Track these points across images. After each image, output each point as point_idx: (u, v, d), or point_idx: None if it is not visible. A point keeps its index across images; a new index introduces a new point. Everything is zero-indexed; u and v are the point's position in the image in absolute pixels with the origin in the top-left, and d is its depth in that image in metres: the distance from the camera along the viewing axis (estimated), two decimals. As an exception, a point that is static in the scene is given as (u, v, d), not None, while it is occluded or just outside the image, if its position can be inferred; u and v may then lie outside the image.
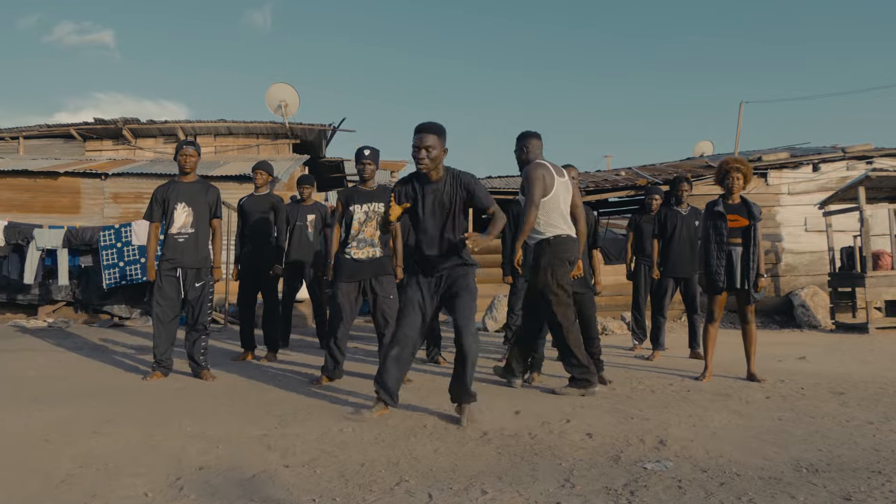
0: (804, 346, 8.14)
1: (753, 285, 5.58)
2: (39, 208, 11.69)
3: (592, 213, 5.72)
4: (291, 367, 6.25)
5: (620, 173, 14.38)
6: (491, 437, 3.66)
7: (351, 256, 5.29)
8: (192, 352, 5.52)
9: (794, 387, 5.32)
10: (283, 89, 14.32)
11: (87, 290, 10.83)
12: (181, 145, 5.55)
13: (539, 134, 5.28)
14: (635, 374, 6.01)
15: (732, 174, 5.65)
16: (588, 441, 3.62)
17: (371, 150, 5.45)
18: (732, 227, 5.63)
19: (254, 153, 14.56)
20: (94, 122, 14.06)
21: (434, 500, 2.66)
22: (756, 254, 5.60)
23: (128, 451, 3.34)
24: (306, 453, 3.32)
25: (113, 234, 10.24)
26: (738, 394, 5.02)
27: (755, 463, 3.21)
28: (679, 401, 4.76)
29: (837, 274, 10.85)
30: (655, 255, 7.17)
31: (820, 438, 3.71)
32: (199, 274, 5.51)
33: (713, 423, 4.06)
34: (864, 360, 6.93)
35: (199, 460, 3.19)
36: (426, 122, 4.13)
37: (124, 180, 11.99)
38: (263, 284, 6.79)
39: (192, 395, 4.83)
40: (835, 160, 12.46)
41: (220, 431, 3.74)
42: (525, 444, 3.53)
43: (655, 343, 7.08)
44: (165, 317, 5.45)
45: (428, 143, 4.05)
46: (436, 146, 4.08)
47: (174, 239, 5.47)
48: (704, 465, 3.18)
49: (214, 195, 5.66)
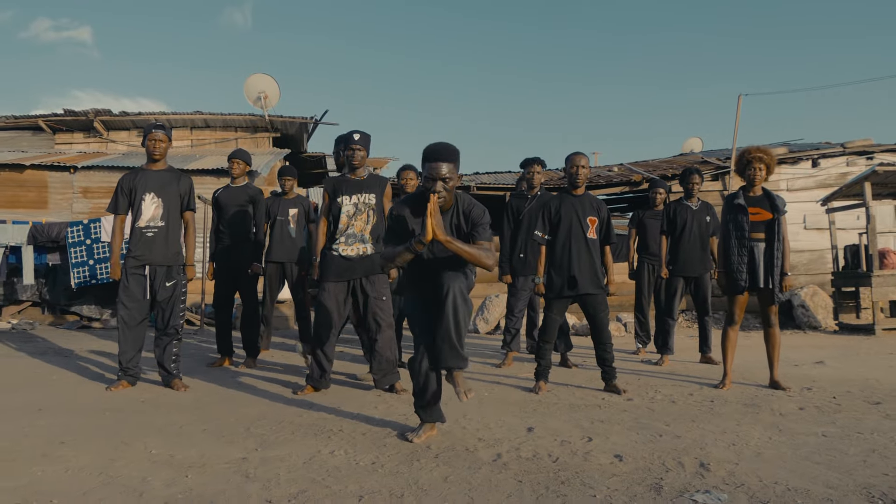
0: (815, 350, 7.74)
1: (778, 284, 5.12)
2: (3, 203, 11.01)
3: (604, 204, 5.23)
4: (273, 375, 5.71)
5: (613, 169, 13.94)
6: (507, 461, 3.16)
7: (339, 253, 4.76)
8: (162, 359, 4.96)
9: (825, 396, 4.87)
10: (262, 80, 13.72)
11: (54, 289, 10.21)
12: (149, 128, 4.97)
13: None
14: (648, 381, 5.54)
15: (755, 164, 5.20)
16: (619, 465, 3.12)
17: (361, 135, 4.91)
18: (754, 220, 5.18)
19: (232, 146, 13.93)
20: (63, 113, 13.36)
21: (453, 549, 2.15)
22: (781, 250, 5.15)
23: (79, 483, 2.79)
24: (292, 483, 2.80)
25: (81, 231, 9.61)
26: (769, 405, 4.55)
27: (819, 492, 2.74)
28: (706, 413, 4.29)
29: (841, 273, 10.47)
30: (664, 252, 6.70)
31: (879, 459, 3.24)
32: (169, 272, 4.95)
33: (753, 441, 3.58)
34: (886, 364, 6.51)
35: (164, 493, 2.65)
36: (438, 146, 3.43)
37: (95, 174, 11.35)
38: (241, 284, 6.23)
39: (161, 410, 4.28)
40: (834, 156, 12.11)
41: (190, 455, 3.20)
42: (547, 470, 3.03)
43: (664, 348, 6.60)
44: (132, 320, 4.89)
45: (444, 173, 3.38)
46: (453, 175, 3.42)
47: (142, 233, 4.90)
48: (762, 495, 2.70)
49: (187, 185, 5.09)
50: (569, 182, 5.13)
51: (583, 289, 4.93)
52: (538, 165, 6.34)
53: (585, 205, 5.06)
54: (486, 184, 12.41)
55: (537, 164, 6.34)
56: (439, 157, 3.38)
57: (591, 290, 4.95)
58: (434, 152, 3.40)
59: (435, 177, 3.36)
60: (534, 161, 6.36)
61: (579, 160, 5.05)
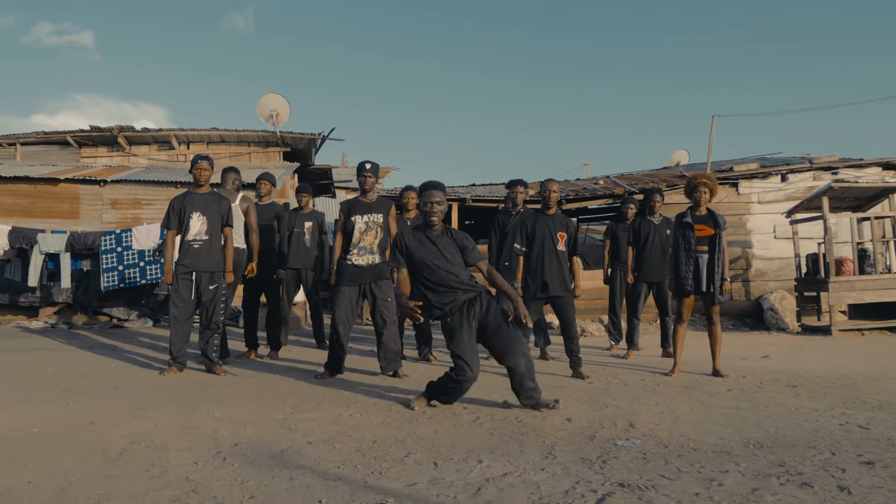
0: (770, 347, 8.74)
1: (718, 289, 6.14)
2: (40, 213, 12.06)
3: (572, 222, 6.27)
4: (294, 364, 6.73)
5: (599, 182, 14.98)
6: (483, 421, 4.19)
7: (352, 262, 5.80)
8: (206, 349, 5.99)
9: (754, 381, 5.88)
10: (274, 99, 14.76)
11: (87, 292, 11.21)
12: (196, 159, 6.02)
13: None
14: (611, 370, 6.55)
15: (700, 188, 6.21)
16: (568, 424, 4.15)
17: (372, 165, 5.97)
18: (700, 235, 6.19)
19: (245, 160, 14.98)
20: (90, 129, 14.42)
21: (439, 468, 3.17)
22: (721, 260, 6.16)
23: (169, 432, 3.82)
24: (324, 433, 3.83)
25: (114, 239, 10.65)
26: (703, 387, 5.58)
27: (710, 441, 3.76)
28: (649, 393, 5.31)
29: (803, 279, 11.49)
30: (630, 261, 7.74)
31: (769, 422, 4.26)
32: (212, 277, 5.99)
33: (678, 411, 4.61)
34: (822, 358, 7.51)
35: (232, 438, 3.69)
36: (430, 182, 4.75)
37: (122, 187, 12.40)
38: (267, 288, 7.28)
39: (211, 387, 5.32)
40: (802, 171, 13.12)
41: (244, 416, 4.24)
42: (513, 427, 4.06)
43: (630, 343, 7.65)
44: (181, 316, 5.93)
45: (436, 200, 4.67)
46: (442, 201, 4.72)
47: (190, 245, 5.95)
48: (667, 442, 3.73)
49: (226, 205, 6.14)
50: (542, 204, 6.18)
51: (553, 292, 5.98)
52: (521, 186, 7.37)
53: (556, 223, 6.11)
54: (480, 196, 13.45)
55: (520, 185, 7.37)
56: (432, 187, 4.69)
57: (559, 292, 5.99)
58: (429, 186, 4.70)
59: (431, 201, 4.63)
60: (517, 182, 7.40)
61: (551, 186, 6.10)
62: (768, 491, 2.81)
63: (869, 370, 6.56)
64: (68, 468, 3.09)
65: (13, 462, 3.19)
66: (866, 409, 4.67)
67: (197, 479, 2.94)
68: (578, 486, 2.89)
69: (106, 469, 3.11)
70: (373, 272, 5.81)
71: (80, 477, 2.96)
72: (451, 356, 4.51)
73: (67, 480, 2.91)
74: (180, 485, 2.86)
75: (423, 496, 2.74)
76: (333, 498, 2.70)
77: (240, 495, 2.73)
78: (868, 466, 3.20)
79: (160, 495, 2.72)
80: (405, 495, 2.74)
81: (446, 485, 2.89)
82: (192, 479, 2.94)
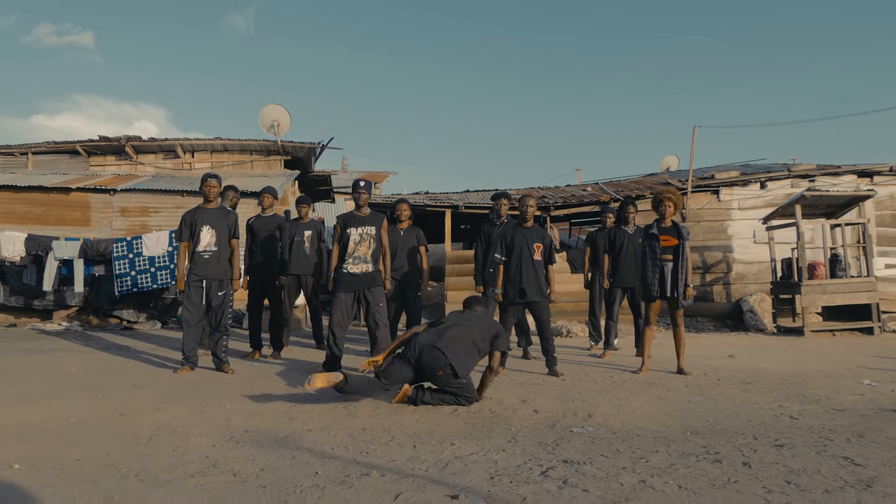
0: (740, 347, 9.33)
1: (682, 294, 6.74)
2: (53, 221, 12.70)
3: (548, 233, 6.89)
4: (295, 364, 7.35)
5: (587, 189, 15.60)
6: (460, 413, 4.80)
7: (348, 271, 6.41)
8: (216, 349, 6.60)
9: (713, 378, 6.49)
10: (275, 110, 15.41)
11: (98, 296, 11.84)
12: (205, 177, 6.63)
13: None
14: (585, 368, 7.16)
15: (665, 202, 6.82)
16: (535, 415, 4.76)
17: (365, 182, 6.59)
18: (665, 245, 6.80)
19: (247, 168, 15.62)
20: (98, 139, 15.06)
21: (417, 449, 3.79)
22: (684, 268, 6.76)
23: (188, 421, 4.44)
24: (321, 422, 4.44)
25: (125, 246, 11.28)
26: (664, 383, 6.19)
27: (654, 429, 4.37)
28: (613, 388, 5.92)
29: (778, 283, 12.10)
30: (606, 267, 8.35)
31: (713, 414, 4.87)
32: (220, 284, 6.60)
33: (635, 404, 5.22)
34: (784, 358, 8.11)
35: (243, 426, 4.31)
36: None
37: (131, 195, 13.04)
38: (270, 293, 7.90)
39: (221, 383, 5.93)
40: (780, 178, 13.72)
41: (252, 408, 4.86)
42: (486, 417, 4.67)
43: (606, 343, 8.26)
44: (193, 320, 6.54)
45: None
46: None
47: (200, 255, 6.55)
48: (616, 429, 4.34)
49: (233, 219, 6.75)
50: (520, 217, 6.80)
51: (530, 297, 6.59)
52: (504, 199, 7.99)
53: (533, 234, 6.72)
54: (473, 203, 14.06)
55: (504, 198, 7.99)
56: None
57: (536, 298, 6.61)
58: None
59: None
60: (501, 195, 8.02)
61: (528, 201, 6.73)
62: (684, 466, 3.42)
63: (824, 368, 7.15)
64: (107, 449, 3.71)
65: (60, 445, 3.81)
66: (804, 403, 5.27)
67: (215, 457, 3.56)
68: (530, 462, 3.50)
69: (138, 450, 3.72)
70: (366, 279, 6.42)
71: (119, 456, 3.58)
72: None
73: (109, 458, 3.52)
74: (202, 461, 3.48)
75: (400, 469, 3.36)
76: (328, 470, 3.31)
77: (252, 469, 3.34)
78: (777, 448, 3.81)
79: (186, 469, 3.33)
80: (386, 468, 3.36)
81: (421, 461, 3.51)
82: (212, 458, 3.56)
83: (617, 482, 3.14)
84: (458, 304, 12.46)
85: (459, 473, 3.29)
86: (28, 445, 3.79)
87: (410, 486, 3.07)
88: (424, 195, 15.46)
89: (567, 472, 3.31)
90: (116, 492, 2.97)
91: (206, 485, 3.08)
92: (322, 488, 3.02)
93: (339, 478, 3.19)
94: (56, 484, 3.08)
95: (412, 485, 3.08)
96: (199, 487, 3.04)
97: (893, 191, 13.54)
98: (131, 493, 2.98)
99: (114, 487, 3.03)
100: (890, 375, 6.61)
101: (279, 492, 2.98)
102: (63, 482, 3.11)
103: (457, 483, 3.11)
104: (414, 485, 3.08)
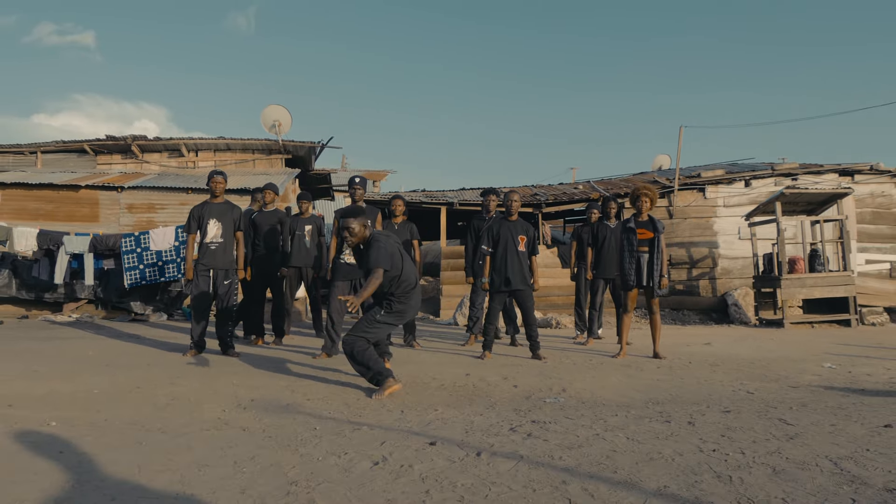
0: (720, 337, 9.80)
1: (657, 283, 7.23)
2: (63, 217, 13.19)
3: (531, 227, 7.38)
4: (295, 349, 7.84)
5: (578, 187, 16.10)
6: (446, 388, 5.30)
7: (345, 261, 6.90)
8: (222, 334, 7.09)
9: (685, 361, 6.97)
10: (276, 110, 15.89)
11: (107, 289, 12.33)
12: (212, 174, 7.11)
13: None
14: (568, 353, 7.65)
15: (642, 198, 7.31)
16: (513, 390, 5.26)
17: (361, 179, 7.08)
18: (641, 238, 7.28)
19: (250, 167, 16.11)
20: (105, 138, 15.54)
21: (404, 413, 4.28)
22: (660, 259, 7.24)
23: (200, 393, 4.93)
24: (319, 394, 4.94)
25: (133, 241, 11.77)
26: (638, 365, 6.68)
27: (619, 399, 4.87)
28: (591, 369, 6.41)
29: (760, 277, 12.59)
30: (589, 260, 8.84)
31: (676, 389, 5.36)
32: (226, 274, 7.09)
33: (606, 382, 5.71)
34: (759, 346, 8.59)
35: (249, 396, 4.80)
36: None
37: (137, 192, 13.53)
38: (272, 284, 8.39)
39: (228, 364, 6.43)
40: (764, 177, 14.21)
41: (257, 383, 5.36)
42: (469, 391, 5.17)
43: (590, 332, 8.76)
44: (200, 307, 7.02)
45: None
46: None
47: (207, 247, 7.04)
48: (585, 399, 4.84)
49: (238, 213, 7.24)
50: (506, 211, 7.29)
51: (514, 286, 7.08)
52: (493, 195, 8.48)
53: (518, 227, 7.21)
54: (467, 200, 14.56)
55: (493, 194, 8.48)
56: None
57: (520, 286, 7.10)
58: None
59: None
60: (490, 192, 8.51)
61: (513, 196, 7.22)
62: (636, 424, 3.92)
63: (791, 354, 7.63)
64: (130, 413, 4.20)
65: (88, 410, 4.30)
66: (763, 381, 5.76)
67: (226, 418, 4.06)
68: (503, 422, 4.00)
69: (158, 413, 4.22)
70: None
71: (142, 417, 4.08)
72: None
73: (133, 419, 4.02)
74: (215, 421, 3.98)
75: (387, 426, 3.86)
76: (325, 427, 3.81)
77: (259, 426, 3.84)
78: (724, 413, 4.31)
79: (202, 425, 3.83)
80: (375, 426, 3.86)
81: (407, 421, 4.01)
82: (223, 419, 4.05)
83: (574, 435, 3.64)
84: (454, 296, 13.00)
85: (439, 429, 3.78)
86: (60, 410, 4.28)
87: (395, 436, 3.57)
88: (421, 192, 15.94)
89: (533, 428, 3.81)
90: (143, 440, 3.47)
91: (220, 436, 3.58)
92: (319, 437, 3.53)
93: (335, 431, 3.69)
94: (91, 434, 3.58)
95: (397, 436, 3.58)
96: (214, 437, 3.54)
97: (874, 189, 14.05)
98: (156, 441, 3.48)
99: (141, 437, 3.53)
100: (851, 360, 7.09)
101: (283, 440, 3.48)
102: (97, 434, 3.61)
103: (436, 435, 3.61)
104: (399, 436, 3.58)
